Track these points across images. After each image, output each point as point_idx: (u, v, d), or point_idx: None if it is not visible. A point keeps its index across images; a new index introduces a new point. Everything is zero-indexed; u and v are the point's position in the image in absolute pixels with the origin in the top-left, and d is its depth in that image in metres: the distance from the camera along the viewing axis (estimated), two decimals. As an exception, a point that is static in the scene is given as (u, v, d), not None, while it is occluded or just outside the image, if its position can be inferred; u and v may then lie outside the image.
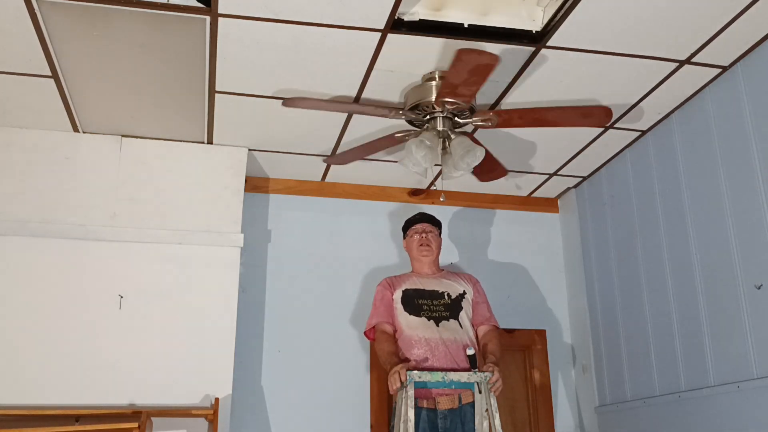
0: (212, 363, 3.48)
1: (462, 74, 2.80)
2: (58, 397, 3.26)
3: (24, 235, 3.46)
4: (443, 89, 2.98)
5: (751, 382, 2.94)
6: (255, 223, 4.18)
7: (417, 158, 3.14)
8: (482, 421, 2.98)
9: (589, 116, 3.27)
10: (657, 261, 3.62)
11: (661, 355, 3.55)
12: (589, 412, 4.12)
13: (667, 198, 3.58)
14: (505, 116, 3.21)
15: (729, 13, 2.75)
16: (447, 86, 2.94)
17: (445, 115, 3.18)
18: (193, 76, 3.17)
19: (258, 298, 4.07)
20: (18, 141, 3.61)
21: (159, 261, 3.58)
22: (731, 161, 3.14)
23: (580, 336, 4.28)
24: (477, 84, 2.88)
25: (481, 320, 3.39)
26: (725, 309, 3.12)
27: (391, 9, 2.69)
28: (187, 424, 3.37)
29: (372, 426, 3.94)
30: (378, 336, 3.31)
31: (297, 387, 3.94)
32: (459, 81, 2.86)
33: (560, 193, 4.59)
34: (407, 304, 3.34)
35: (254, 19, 2.76)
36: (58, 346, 3.35)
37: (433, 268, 3.52)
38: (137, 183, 3.69)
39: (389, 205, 4.42)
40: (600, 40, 2.91)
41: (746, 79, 3.07)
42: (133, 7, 2.68)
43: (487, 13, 2.82)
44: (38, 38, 2.87)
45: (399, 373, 2.94)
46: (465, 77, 2.82)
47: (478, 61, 2.73)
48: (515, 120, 3.24)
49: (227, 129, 3.69)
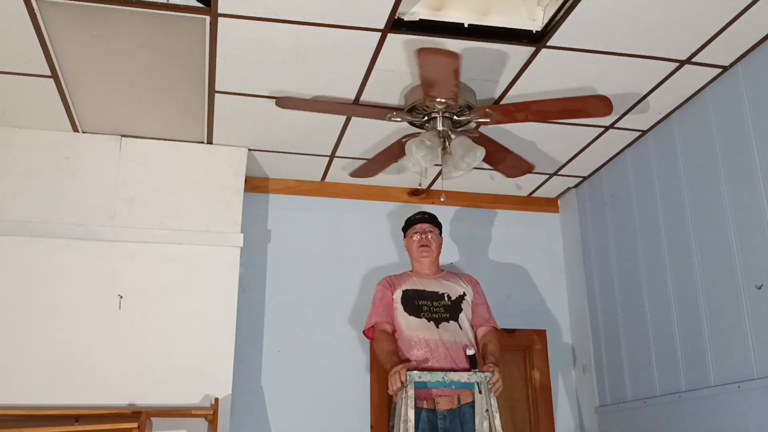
0: (212, 363, 3.48)
1: (432, 74, 2.78)
2: (58, 397, 3.26)
3: (24, 235, 3.45)
4: (425, 90, 2.97)
5: (751, 382, 2.94)
6: (255, 223, 4.18)
7: (417, 158, 3.14)
8: (482, 422, 2.98)
9: (589, 106, 3.18)
10: (657, 261, 3.62)
11: (662, 355, 3.55)
12: (589, 412, 4.12)
13: (667, 198, 3.57)
14: (503, 110, 3.19)
15: (729, 13, 2.75)
16: (426, 86, 2.93)
17: (445, 114, 3.18)
18: (193, 76, 3.17)
19: (258, 298, 4.07)
20: (18, 141, 3.61)
21: (159, 261, 3.58)
22: (731, 161, 3.14)
23: (580, 336, 4.28)
24: (453, 81, 2.85)
25: (481, 321, 3.39)
26: (725, 309, 3.12)
27: (391, 9, 2.69)
28: (187, 424, 3.37)
29: (372, 426, 3.94)
30: (377, 335, 3.31)
31: (297, 387, 3.94)
32: (434, 80, 2.84)
33: (560, 193, 4.59)
34: (407, 304, 3.34)
35: (254, 19, 2.76)
36: (58, 345, 3.34)
37: (433, 268, 3.51)
38: (137, 183, 3.69)
39: (389, 205, 4.42)
40: (600, 40, 2.91)
41: (747, 79, 3.07)
42: (133, 7, 2.68)
43: (487, 13, 2.82)
44: (38, 38, 2.87)
45: (399, 374, 2.94)
46: (436, 77, 2.81)
47: (440, 61, 2.72)
48: (514, 114, 3.20)
49: (227, 129, 3.69)
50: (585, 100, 3.18)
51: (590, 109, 3.17)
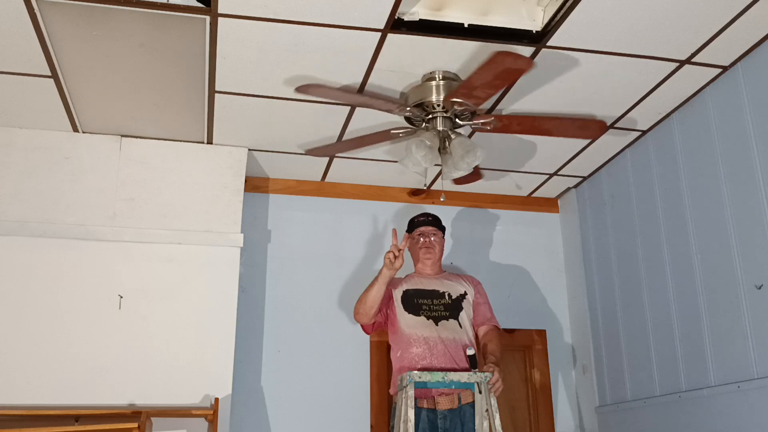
0: (212, 363, 3.48)
1: (488, 76, 2.80)
2: (58, 397, 3.26)
3: (24, 235, 3.45)
4: (460, 89, 2.97)
5: (751, 382, 2.94)
6: (255, 223, 4.18)
7: (417, 158, 3.13)
8: (482, 422, 2.98)
9: (584, 129, 3.35)
10: (657, 261, 3.62)
11: (662, 355, 3.55)
12: (589, 412, 4.12)
13: (667, 198, 3.57)
14: (505, 122, 3.22)
15: (729, 13, 2.75)
16: (466, 87, 2.92)
17: (446, 115, 3.18)
18: (193, 76, 3.17)
19: (258, 298, 4.07)
20: (18, 141, 3.60)
21: (159, 261, 3.58)
22: (731, 161, 3.14)
23: (580, 336, 4.28)
24: (498, 88, 2.89)
25: (482, 320, 3.39)
26: (725, 309, 3.12)
27: (391, 9, 2.69)
28: (187, 424, 3.37)
29: (372, 426, 3.94)
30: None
31: (297, 387, 3.94)
32: (481, 83, 2.85)
33: (560, 193, 4.59)
34: (407, 303, 3.34)
35: (254, 19, 2.76)
36: (58, 345, 3.35)
37: (435, 269, 3.52)
38: (137, 183, 3.69)
39: (389, 205, 4.42)
40: (600, 40, 2.91)
41: (746, 79, 3.07)
42: (133, 7, 2.68)
43: (487, 12, 2.82)
44: (38, 38, 2.87)
45: (392, 251, 3.12)
46: (489, 79, 2.82)
47: (513, 65, 2.73)
48: (513, 126, 3.28)
49: (227, 129, 3.69)
50: (582, 122, 3.32)
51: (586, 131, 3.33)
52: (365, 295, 3.26)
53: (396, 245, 3.18)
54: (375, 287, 3.22)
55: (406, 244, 3.26)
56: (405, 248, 3.20)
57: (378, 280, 3.21)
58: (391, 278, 3.20)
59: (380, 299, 3.24)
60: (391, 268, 3.14)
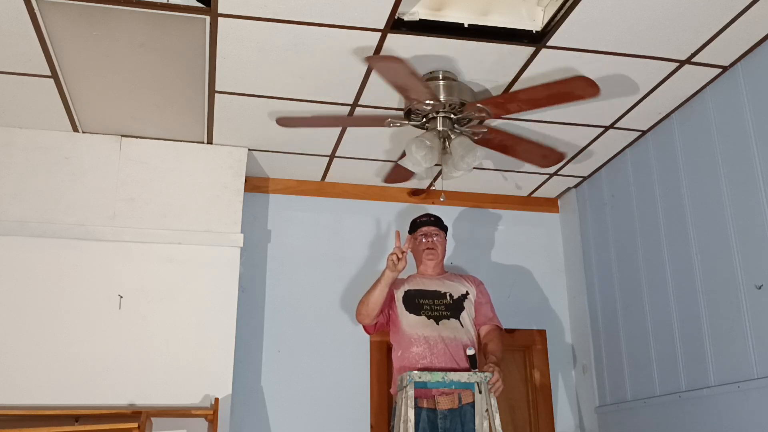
0: (212, 363, 3.48)
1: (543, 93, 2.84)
2: (57, 397, 3.26)
3: (24, 235, 3.45)
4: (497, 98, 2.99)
5: (751, 382, 2.94)
6: (255, 223, 4.18)
7: (417, 158, 3.13)
8: (482, 422, 2.98)
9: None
10: (657, 261, 3.62)
11: (662, 355, 3.55)
12: (589, 412, 4.12)
13: (667, 198, 3.57)
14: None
15: (729, 13, 2.75)
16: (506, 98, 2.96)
17: (445, 114, 3.17)
18: (193, 76, 3.17)
19: (258, 298, 4.07)
20: (18, 141, 3.60)
21: (159, 261, 3.58)
22: (731, 161, 3.14)
23: (580, 336, 4.28)
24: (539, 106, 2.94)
25: (484, 320, 3.39)
26: (725, 309, 3.12)
27: (391, 9, 2.69)
28: (187, 424, 3.37)
29: (372, 426, 3.94)
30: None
31: (297, 387, 3.94)
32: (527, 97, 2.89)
33: (560, 193, 4.59)
34: (408, 303, 3.35)
35: (254, 19, 2.76)
36: (58, 345, 3.35)
37: (437, 269, 3.52)
38: (137, 183, 3.69)
39: (389, 205, 4.42)
40: (600, 40, 2.91)
41: (747, 79, 3.07)
42: (133, 7, 2.68)
43: (487, 12, 2.82)
44: (38, 38, 2.87)
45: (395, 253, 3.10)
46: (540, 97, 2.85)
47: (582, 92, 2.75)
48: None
49: (227, 129, 3.69)
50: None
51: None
52: (368, 297, 3.26)
53: (399, 247, 3.17)
54: (377, 289, 3.22)
55: (409, 245, 3.25)
56: (408, 250, 3.20)
57: (381, 281, 3.21)
58: (393, 280, 3.20)
59: (383, 301, 3.24)
60: (394, 270, 3.14)
